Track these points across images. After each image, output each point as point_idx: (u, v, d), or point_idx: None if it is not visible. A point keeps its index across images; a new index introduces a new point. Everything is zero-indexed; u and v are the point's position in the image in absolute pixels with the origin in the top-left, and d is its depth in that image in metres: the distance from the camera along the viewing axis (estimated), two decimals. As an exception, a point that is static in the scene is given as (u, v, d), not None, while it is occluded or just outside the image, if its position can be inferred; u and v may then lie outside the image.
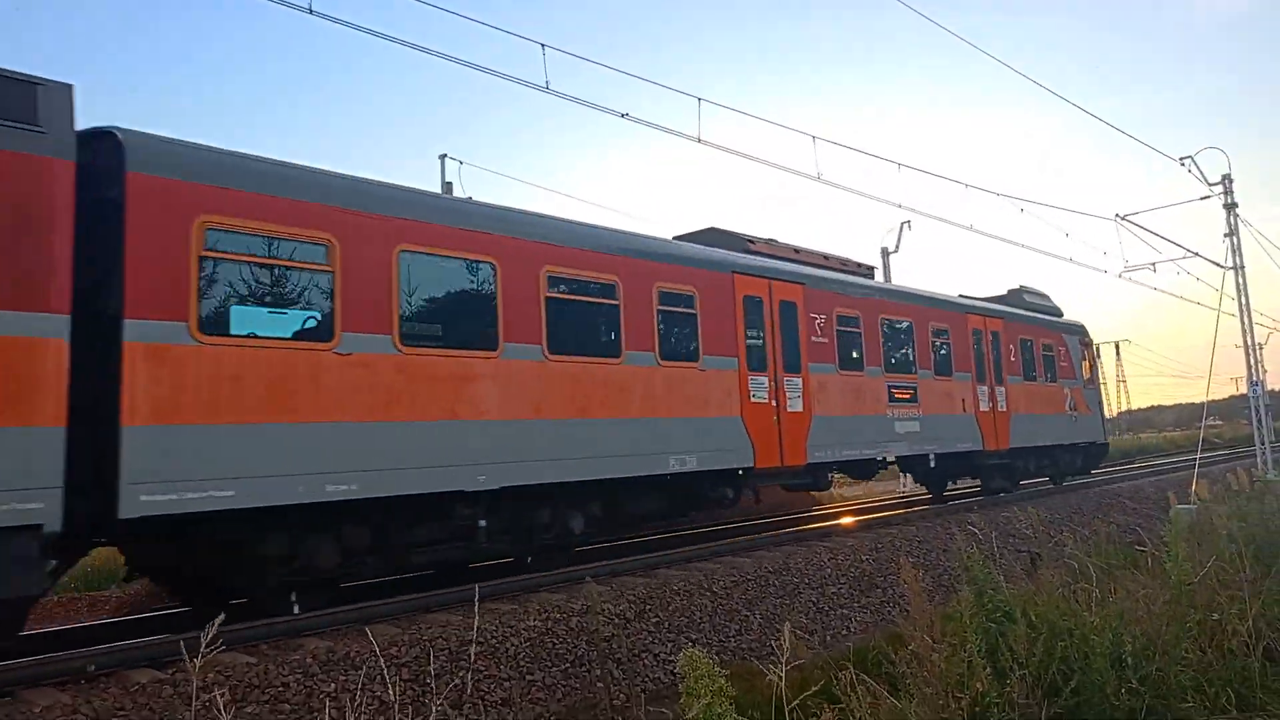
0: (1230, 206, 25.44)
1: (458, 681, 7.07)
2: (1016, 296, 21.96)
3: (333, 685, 6.89)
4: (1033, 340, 20.64)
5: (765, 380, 12.91)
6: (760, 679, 7.04)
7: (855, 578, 12.08)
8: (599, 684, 8.07)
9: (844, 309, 14.79)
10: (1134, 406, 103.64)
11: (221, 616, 4.45)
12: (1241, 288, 25.60)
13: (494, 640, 7.95)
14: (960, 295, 19.94)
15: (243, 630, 7.33)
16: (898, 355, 16.20)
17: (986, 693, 4.60)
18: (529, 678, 7.92)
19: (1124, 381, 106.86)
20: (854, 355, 14.89)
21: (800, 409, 13.42)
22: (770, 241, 14.76)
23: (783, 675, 4.14)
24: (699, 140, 13.72)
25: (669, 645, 9.15)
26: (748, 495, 13.45)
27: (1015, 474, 20.03)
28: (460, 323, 9.51)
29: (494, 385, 9.57)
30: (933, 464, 16.76)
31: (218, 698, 4.77)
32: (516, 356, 9.82)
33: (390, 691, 5.28)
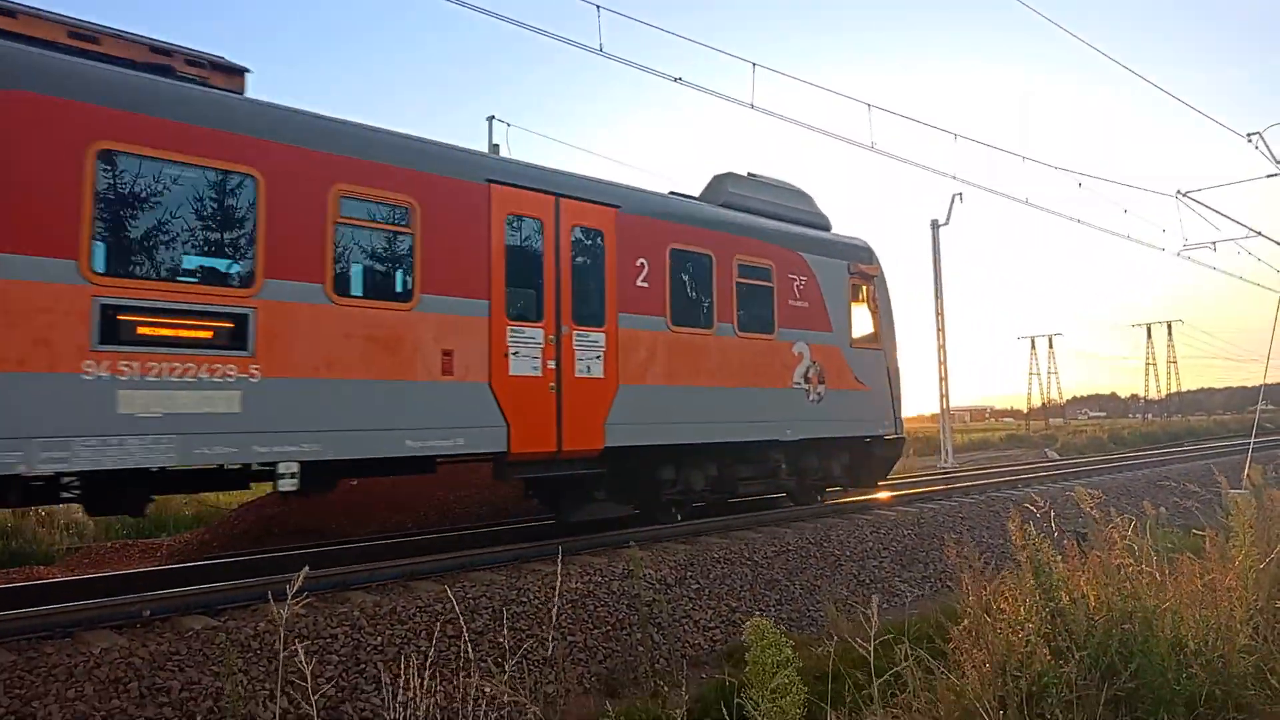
0: (1299, 184, 24.53)
1: (502, 639, 7.12)
2: (717, 186, 12.97)
3: (379, 639, 6.99)
4: (711, 257, 11.79)
5: None
6: (806, 649, 7.00)
7: (897, 551, 11.98)
8: (639, 647, 8.09)
9: None
10: (1184, 388, 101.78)
11: (306, 569, 4.32)
12: (1306, 269, 24.75)
13: (536, 600, 8.00)
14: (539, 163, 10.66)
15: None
16: (174, 244, 7.45)
17: (1045, 672, 4.51)
18: (570, 638, 7.97)
19: (1175, 363, 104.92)
20: None
21: None
22: None
23: (871, 649, 4.09)
24: (752, 106, 13.40)
25: (709, 612, 9.16)
26: None
27: (642, 493, 11.53)
28: None
29: None
30: (292, 483, 7.78)
31: (300, 650, 4.79)
32: None
33: (464, 646, 5.30)
